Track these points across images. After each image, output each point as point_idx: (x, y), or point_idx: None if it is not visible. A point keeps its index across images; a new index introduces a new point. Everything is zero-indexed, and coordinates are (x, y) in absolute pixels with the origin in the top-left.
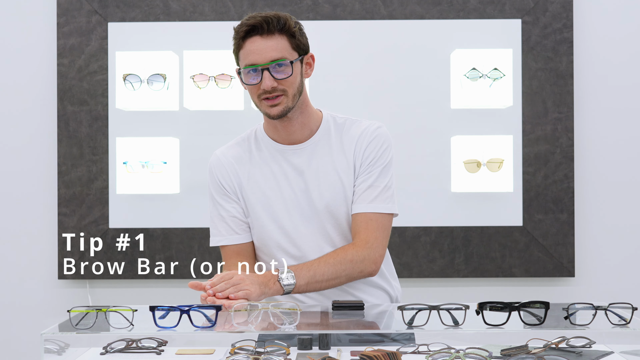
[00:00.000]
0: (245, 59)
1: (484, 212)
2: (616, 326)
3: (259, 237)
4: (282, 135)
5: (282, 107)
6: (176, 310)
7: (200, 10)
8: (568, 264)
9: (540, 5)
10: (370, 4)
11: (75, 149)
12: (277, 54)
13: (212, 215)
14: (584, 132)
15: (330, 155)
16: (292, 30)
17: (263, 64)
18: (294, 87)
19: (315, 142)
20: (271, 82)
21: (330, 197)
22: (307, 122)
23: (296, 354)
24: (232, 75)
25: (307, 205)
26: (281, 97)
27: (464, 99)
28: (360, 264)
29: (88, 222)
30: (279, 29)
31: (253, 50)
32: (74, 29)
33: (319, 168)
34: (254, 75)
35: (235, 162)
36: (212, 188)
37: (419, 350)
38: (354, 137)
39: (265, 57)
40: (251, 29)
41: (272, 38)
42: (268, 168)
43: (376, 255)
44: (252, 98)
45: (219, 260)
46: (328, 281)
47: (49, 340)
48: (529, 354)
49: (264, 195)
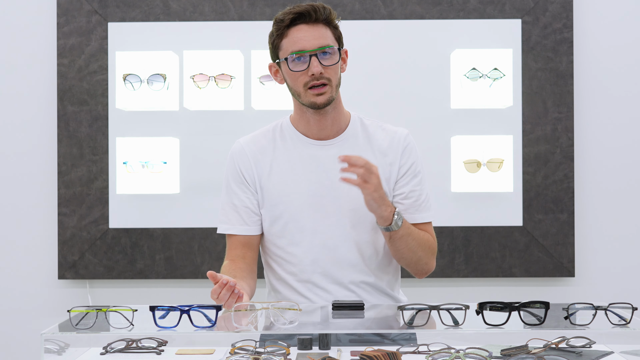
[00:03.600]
0: (293, 46)
1: (484, 212)
2: (616, 326)
3: (271, 228)
4: (313, 129)
5: (328, 96)
6: (176, 310)
7: (200, 10)
8: (568, 264)
9: (540, 5)
10: (370, 4)
11: (75, 149)
12: (324, 41)
13: (224, 203)
14: (584, 132)
15: (358, 155)
16: (335, 22)
17: (311, 50)
18: (337, 76)
19: (343, 139)
20: (319, 67)
21: (358, 198)
22: (338, 119)
23: (296, 354)
24: (232, 75)
25: (331, 202)
26: (326, 87)
27: (464, 99)
28: (432, 256)
29: (88, 222)
30: (324, 18)
31: (300, 38)
32: (74, 29)
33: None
34: (301, 63)
35: (259, 152)
36: (230, 176)
37: (419, 350)
38: (385, 141)
39: (313, 43)
40: (298, 17)
41: (317, 26)
42: (292, 160)
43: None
44: (296, 88)
45: (219, 260)
46: (409, 250)
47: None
48: (529, 354)
49: (285, 186)
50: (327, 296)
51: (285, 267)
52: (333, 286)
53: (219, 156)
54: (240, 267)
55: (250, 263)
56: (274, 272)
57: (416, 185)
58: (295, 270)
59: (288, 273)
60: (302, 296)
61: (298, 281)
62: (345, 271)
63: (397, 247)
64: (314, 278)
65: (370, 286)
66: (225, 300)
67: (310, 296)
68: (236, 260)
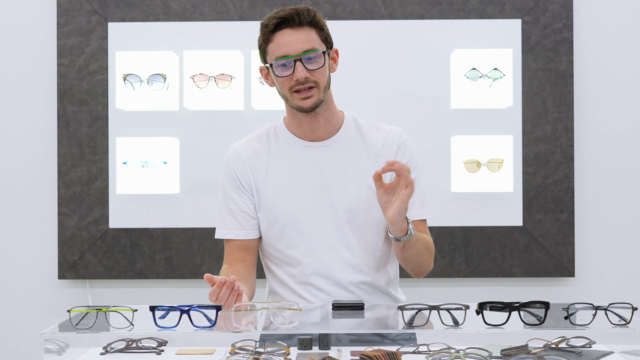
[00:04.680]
0: (277, 52)
1: (484, 212)
2: (616, 326)
3: (269, 231)
4: (306, 131)
5: (315, 99)
6: (176, 310)
7: (200, 10)
8: (568, 264)
9: (540, 5)
10: (370, 4)
11: (75, 149)
12: (309, 45)
13: (221, 208)
14: (584, 132)
15: (352, 156)
16: (321, 23)
17: (295, 55)
18: (324, 78)
19: (337, 140)
20: (304, 72)
21: (354, 198)
22: (331, 119)
23: (296, 354)
24: (232, 75)
25: (327, 203)
26: (313, 90)
27: (464, 99)
28: (431, 257)
29: (88, 222)
30: (308, 21)
31: (285, 42)
32: (74, 29)
33: (342, 168)
34: (286, 68)
35: (254, 156)
36: (226, 181)
37: (419, 350)
38: (379, 141)
39: (297, 48)
40: (281, 22)
41: (302, 30)
42: (287, 162)
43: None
44: (283, 92)
45: (219, 260)
46: (418, 254)
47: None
48: (529, 354)
49: (281, 189)
50: (327, 297)
51: (285, 269)
52: (332, 287)
53: (219, 156)
54: (239, 270)
55: (249, 266)
56: (273, 274)
57: (418, 182)
58: (294, 272)
59: (287, 275)
60: (302, 298)
61: (297, 283)
62: (344, 272)
63: (408, 255)
64: (313, 280)
65: (369, 286)
66: (225, 299)
67: (309, 298)
68: (235, 264)
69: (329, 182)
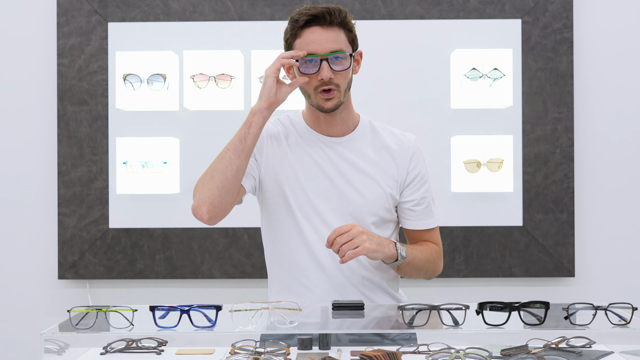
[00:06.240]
0: (304, 48)
1: (484, 212)
2: (616, 326)
3: (276, 216)
4: (322, 127)
5: (336, 101)
6: (176, 310)
7: (200, 10)
8: (568, 264)
9: (540, 5)
10: (370, 4)
11: (75, 149)
12: (337, 45)
13: None
14: (584, 132)
15: (365, 154)
16: (350, 24)
17: (323, 55)
18: (347, 81)
19: (352, 139)
20: (329, 72)
21: (362, 195)
22: (347, 119)
23: (296, 354)
24: (232, 75)
25: (335, 195)
26: (334, 92)
27: (464, 99)
28: (440, 261)
29: (88, 222)
30: (339, 21)
31: (313, 40)
32: (74, 29)
33: (353, 164)
34: (311, 65)
35: (275, 138)
36: None
37: (419, 350)
38: (393, 144)
39: (325, 47)
40: (312, 19)
41: (331, 30)
42: (303, 150)
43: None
44: (306, 88)
45: (219, 261)
46: (417, 270)
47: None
48: (529, 354)
49: (295, 176)
50: (328, 296)
51: (288, 267)
52: (335, 284)
53: None
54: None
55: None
56: (276, 272)
57: (426, 191)
58: (296, 271)
59: (290, 274)
60: (304, 295)
61: (299, 280)
62: (347, 268)
63: (406, 272)
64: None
65: (372, 283)
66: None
67: (311, 295)
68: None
69: (339, 176)
